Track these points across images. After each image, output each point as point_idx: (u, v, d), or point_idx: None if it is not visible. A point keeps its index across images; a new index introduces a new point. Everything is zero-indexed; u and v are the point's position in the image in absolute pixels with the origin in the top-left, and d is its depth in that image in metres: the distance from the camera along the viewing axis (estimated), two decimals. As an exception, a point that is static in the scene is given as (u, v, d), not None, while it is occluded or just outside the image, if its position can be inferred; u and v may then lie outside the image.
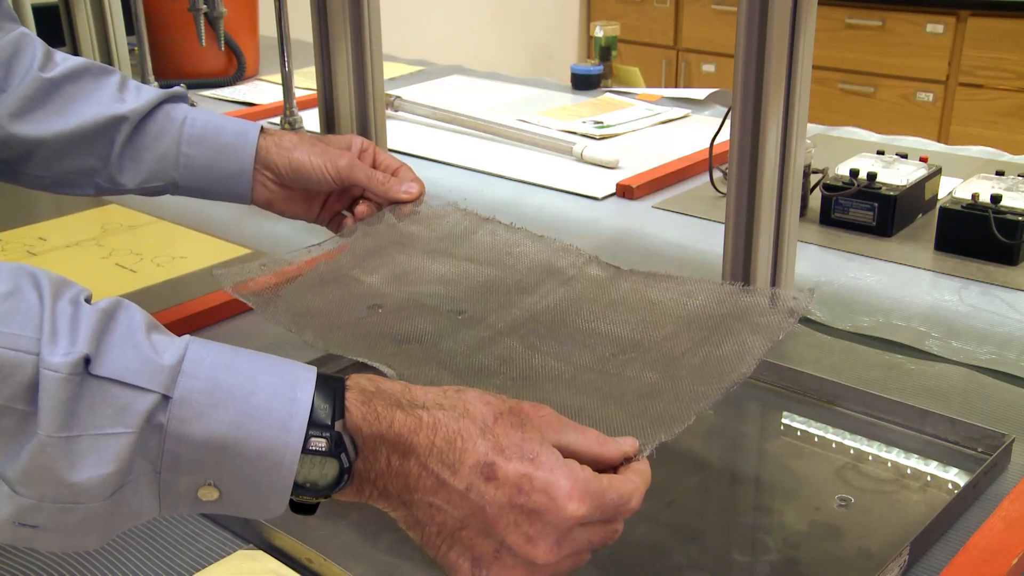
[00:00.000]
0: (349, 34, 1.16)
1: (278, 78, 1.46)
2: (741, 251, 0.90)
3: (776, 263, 0.91)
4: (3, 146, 0.85)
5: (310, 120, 1.42)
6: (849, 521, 0.71)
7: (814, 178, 1.27)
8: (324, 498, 0.53)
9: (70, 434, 0.47)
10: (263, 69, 2.10)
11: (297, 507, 0.53)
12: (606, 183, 1.42)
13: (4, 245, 1.21)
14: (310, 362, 0.54)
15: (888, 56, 3.21)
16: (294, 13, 1.36)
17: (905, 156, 1.27)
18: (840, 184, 1.22)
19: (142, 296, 1.06)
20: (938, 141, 1.79)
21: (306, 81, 1.73)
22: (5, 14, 0.86)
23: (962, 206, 1.13)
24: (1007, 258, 1.11)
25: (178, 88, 0.92)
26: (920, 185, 1.23)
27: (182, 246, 1.21)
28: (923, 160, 1.26)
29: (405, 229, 0.88)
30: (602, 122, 1.72)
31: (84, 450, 0.47)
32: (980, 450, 0.78)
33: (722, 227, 0.92)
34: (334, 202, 0.94)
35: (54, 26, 1.69)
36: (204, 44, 1.57)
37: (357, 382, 0.54)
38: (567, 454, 0.54)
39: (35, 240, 1.22)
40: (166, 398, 0.48)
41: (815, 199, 1.27)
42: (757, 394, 0.89)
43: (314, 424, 0.51)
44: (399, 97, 1.75)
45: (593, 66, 2.00)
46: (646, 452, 0.58)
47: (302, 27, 1.30)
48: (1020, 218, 1.10)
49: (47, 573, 0.67)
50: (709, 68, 3.64)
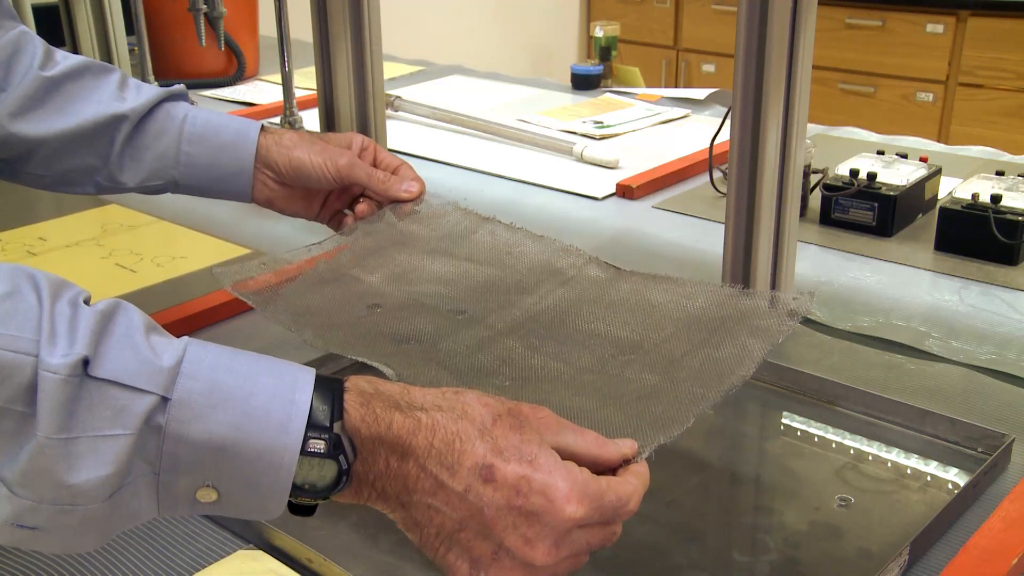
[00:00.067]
0: (349, 34, 1.16)
1: (278, 78, 1.46)
2: (741, 251, 0.90)
3: (776, 263, 0.91)
4: (3, 145, 0.85)
5: (310, 120, 1.42)
6: (849, 521, 0.71)
7: (814, 178, 1.27)
8: (323, 499, 0.53)
9: (69, 436, 0.47)
10: (263, 69, 2.10)
11: (296, 508, 0.53)
12: (606, 183, 1.42)
13: (4, 245, 1.20)
14: (310, 363, 0.54)
15: (888, 56, 3.21)
16: (294, 13, 1.36)
17: (905, 156, 1.27)
18: (840, 184, 1.22)
19: (142, 296, 1.06)
20: (938, 141, 1.79)
21: (306, 81, 1.73)
22: (5, 12, 0.86)
23: (962, 206, 1.13)
24: (1007, 258, 1.11)
25: (179, 86, 0.92)
26: (920, 185, 1.23)
27: (182, 246, 1.21)
28: (923, 160, 1.26)
29: (405, 228, 0.88)
30: (602, 122, 1.72)
31: (83, 452, 0.47)
32: (980, 450, 0.78)
33: (722, 227, 0.92)
34: (334, 200, 0.94)
35: (54, 26, 1.69)
36: (204, 44, 1.57)
37: (356, 384, 0.54)
38: (566, 456, 0.54)
39: (35, 240, 1.22)
40: (165, 399, 0.48)
41: (815, 199, 1.27)
42: (757, 394, 0.89)
43: (313, 426, 0.51)
44: (399, 97, 1.75)
45: (593, 66, 2.00)
46: (645, 454, 0.58)
47: (302, 27, 1.30)
48: (1020, 218, 1.10)
49: (47, 573, 0.67)
50: (709, 68, 3.64)
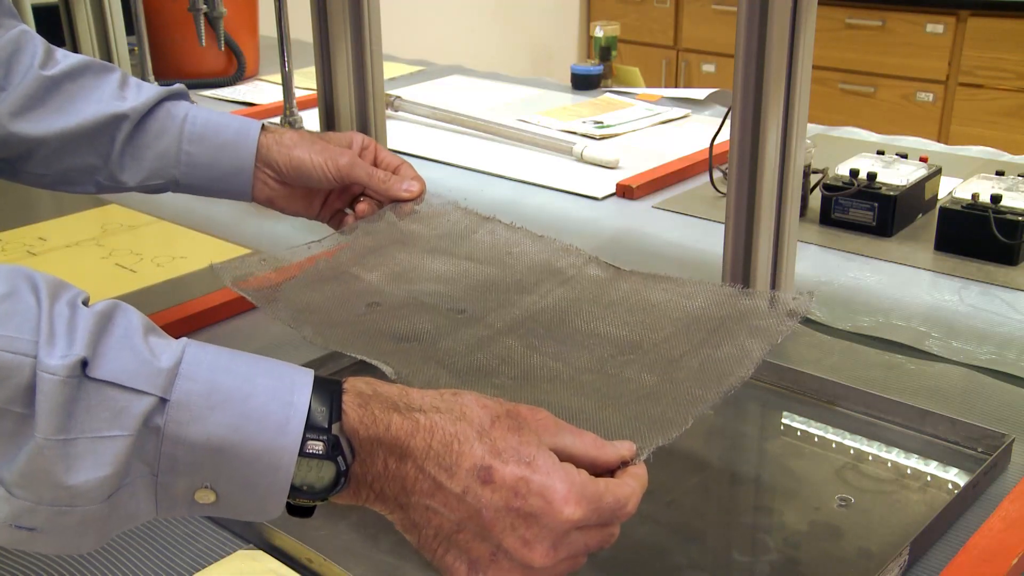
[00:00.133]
0: (349, 34, 1.16)
1: (278, 78, 1.46)
2: (741, 251, 0.90)
3: (776, 263, 0.91)
4: (4, 144, 0.85)
5: (310, 120, 1.42)
6: (849, 521, 0.71)
7: (814, 178, 1.27)
8: (321, 501, 0.52)
9: (67, 437, 0.46)
10: (263, 69, 2.10)
11: (294, 510, 0.53)
12: (606, 183, 1.42)
13: (4, 245, 1.20)
14: (309, 364, 0.54)
15: (888, 56, 3.21)
16: (294, 13, 1.36)
17: (905, 156, 1.27)
18: (840, 184, 1.22)
19: (142, 296, 1.06)
20: (938, 141, 1.79)
21: (306, 81, 1.73)
22: (5, 11, 0.86)
23: (962, 206, 1.13)
24: (1007, 258, 1.11)
25: (179, 85, 0.92)
26: (920, 185, 1.23)
27: (182, 246, 1.21)
28: (923, 160, 1.26)
29: (405, 227, 0.88)
30: (602, 122, 1.72)
31: (81, 453, 0.47)
32: (980, 450, 0.78)
33: (722, 227, 0.92)
34: (335, 200, 0.94)
35: (54, 26, 1.69)
36: (204, 44, 1.57)
37: (354, 385, 0.54)
38: (564, 458, 0.54)
39: (35, 240, 1.22)
40: (163, 401, 0.48)
41: (815, 199, 1.27)
42: (757, 394, 0.89)
43: (311, 427, 0.51)
44: (399, 97, 1.75)
45: (593, 66, 2.00)
46: (643, 456, 0.58)
47: (302, 27, 1.30)
48: (1020, 218, 1.10)
49: (47, 573, 0.67)
50: (709, 68, 3.63)
